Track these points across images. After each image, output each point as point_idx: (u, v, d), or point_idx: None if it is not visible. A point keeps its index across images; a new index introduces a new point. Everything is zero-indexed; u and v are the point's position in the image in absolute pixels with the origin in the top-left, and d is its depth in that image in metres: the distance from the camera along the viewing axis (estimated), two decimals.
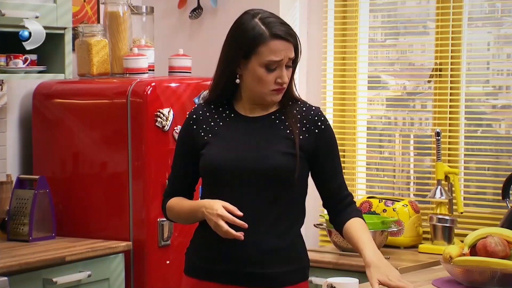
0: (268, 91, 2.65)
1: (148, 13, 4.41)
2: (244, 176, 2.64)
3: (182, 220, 2.82)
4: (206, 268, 2.69)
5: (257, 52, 2.62)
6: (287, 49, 2.63)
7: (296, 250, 2.71)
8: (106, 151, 3.97)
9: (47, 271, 3.52)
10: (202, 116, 2.74)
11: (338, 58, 4.59)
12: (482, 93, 4.34)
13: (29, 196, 3.89)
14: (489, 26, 4.34)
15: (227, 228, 2.55)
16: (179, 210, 2.77)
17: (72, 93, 4.11)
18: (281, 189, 2.66)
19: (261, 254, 2.63)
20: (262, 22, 2.64)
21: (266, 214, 2.64)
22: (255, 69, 2.64)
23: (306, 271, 2.75)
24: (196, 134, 2.73)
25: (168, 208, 2.82)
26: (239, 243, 2.59)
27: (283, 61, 2.63)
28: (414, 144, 4.54)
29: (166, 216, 2.86)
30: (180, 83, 4.03)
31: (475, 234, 3.03)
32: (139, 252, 3.89)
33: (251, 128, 2.70)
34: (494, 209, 4.17)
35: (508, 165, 4.21)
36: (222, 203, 2.59)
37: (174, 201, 2.79)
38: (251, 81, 2.66)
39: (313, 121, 2.72)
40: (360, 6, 4.53)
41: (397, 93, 4.65)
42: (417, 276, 3.22)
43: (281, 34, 2.63)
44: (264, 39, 2.62)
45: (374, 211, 4.21)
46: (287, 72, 2.66)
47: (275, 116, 2.71)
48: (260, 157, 2.64)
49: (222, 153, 2.67)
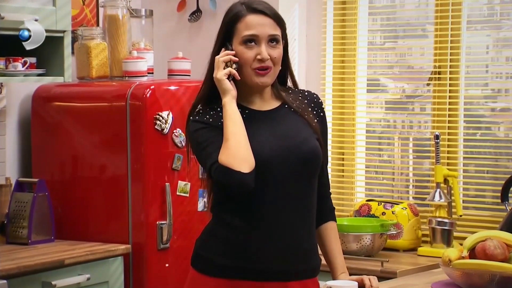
0: (252, 71, 2.59)
1: (147, 16, 4.42)
2: (288, 163, 2.56)
3: (237, 131, 2.53)
4: (241, 267, 2.58)
5: (236, 30, 2.60)
6: (264, 24, 2.59)
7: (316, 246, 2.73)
8: (105, 154, 3.98)
9: (46, 274, 3.52)
10: (215, 115, 2.62)
11: (337, 61, 4.60)
12: (481, 96, 4.34)
13: (28, 199, 3.89)
14: (488, 29, 4.34)
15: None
16: (228, 134, 2.51)
17: (71, 96, 4.12)
18: (313, 178, 2.62)
19: (300, 252, 2.61)
20: (245, 5, 2.62)
21: (301, 210, 2.61)
22: (237, 49, 2.59)
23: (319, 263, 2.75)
24: (220, 127, 2.57)
25: (223, 154, 2.49)
26: (277, 241, 2.56)
27: (260, 37, 2.58)
28: (413, 147, 4.54)
29: (229, 169, 2.47)
30: (179, 86, 4.03)
31: (474, 237, 3.03)
32: (138, 255, 3.89)
33: (272, 119, 2.64)
34: (493, 212, 4.17)
35: (507, 168, 4.21)
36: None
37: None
38: (240, 65, 2.60)
39: (317, 105, 2.71)
40: (359, 9, 4.53)
41: (396, 96, 4.65)
42: (416, 279, 3.23)
43: (257, 7, 2.60)
44: (241, 15, 2.60)
45: (373, 214, 4.21)
46: (271, 50, 2.59)
47: (287, 107, 2.67)
48: (298, 141, 2.58)
49: (258, 144, 2.55)
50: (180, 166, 3.94)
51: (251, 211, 2.58)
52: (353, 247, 3.99)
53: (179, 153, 3.94)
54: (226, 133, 2.52)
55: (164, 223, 3.88)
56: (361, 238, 3.98)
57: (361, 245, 3.99)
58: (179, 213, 3.94)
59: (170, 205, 3.88)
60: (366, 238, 3.99)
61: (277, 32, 2.62)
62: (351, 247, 4.00)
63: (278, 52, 2.62)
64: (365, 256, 3.99)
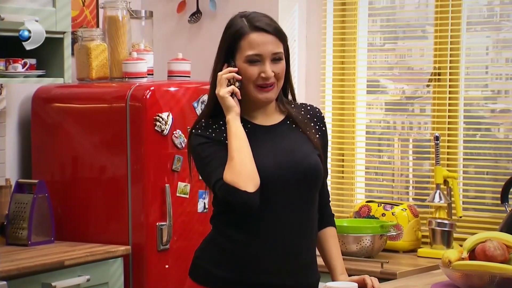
0: (255, 87, 2.59)
1: (147, 18, 4.42)
2: (289, 178, 2.57)
3: (242, 149, 2.53)
4: (238, 279, 2.59)
5: (239, 48, 2.58)
6: (268, 42, 2.57)
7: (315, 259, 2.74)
8: (105, 155, 3.98)
9: (46, 275, 3.52)
10: (217, 130, 2.62)
11: (337, 62, 4.60)
12: (481, 97, 4.34)
13: (28, 200, 3.89)
14: (487, 31, 4.34)
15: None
16: (232, 151, 2.51)
17: (71, 97, 4.12)
18: (314, 192, 2.64)
19: (299, 266, 2.63)
20: (245, 19, 2.60)
21: (302, 224, 2.62)
22: (241, 66, 2.58)
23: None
24: (223, 142, 2.58)
25: (228, 173, 2.49)
26: (277, 254, 2.57)
27: (264, 55, 2.57)
28: (413, 148, 4.54)
29: (235, 189, 2.47)
30: (179, 87, 4.03)
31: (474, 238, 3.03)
32: (138, 256, 3.89)
33: (274, 134, 2.65)
34: (493, 213, 4.17)
35: (507, 169, 4.21)
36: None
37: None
38: (243, 81, 2.60)
39: (319, 120, 2.72)
40: (359, 11, 4.53)
41: (396, 97, 4.65)
42: (416, 280, 3.22)
43: (260, 25, 2.57)
44: (244, 33, 2.57)
45: (373, 215, 4.21)
46: (275, 67, 2.58)
47: (290, 121, 2.68)
48: (300, 157, 2.58)
49: (261, 159, 2.55)
50: (180, 167, 3.94)
51: (251, 225, 2.58)
52: (353, 248, 3.99)
53: (179, 154, 3.94)
54: (231, 150, 2.52)
55: (164, 224, 3.88)
56: (361, 239, 3.99)
57: (361, 246, 3.99)
58: (179, 214, 3.94)
59: (170, 206, 3.88)
60: (366, 239, 3.99)
61: (280, 49, 2.61)
62: (351, 248, 4.00)
63: (281, 67, 2.62)
64: (365, 257, 3.99)
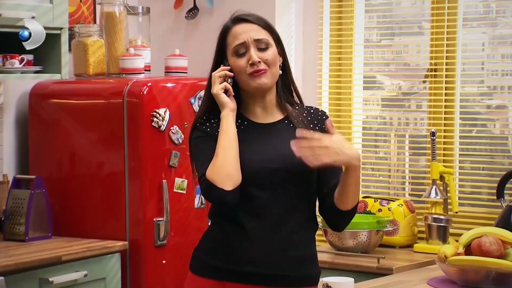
0: (247, 77, 2.63)
1: (144, 14, 4.42)
2: (276, 172, 2.60)
3: (228, 147, 2.58)
4: (231, 270, 2.62)
5: (227, 44, 2.67)
6: (249, 30, 2.64)
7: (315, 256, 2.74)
8: (102, 151, 3.98)
9: (44, 271, 3.52)
10: (214, 125, 2.67)
11: (334, 59, 4.61)
12: (476, 93, 4.35)
13: (25, 196, 3.89)
14: (483, 27, 4.35)
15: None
16: (218, 148, 2.57)
17: (68, 93, 4.12)
18: (303, 189, 2.64)
19: (291, 260, 2.63)
20: (230, 18, 2.69)
21: (290, 219, 2.63)
22: (231, 61, 2.65)
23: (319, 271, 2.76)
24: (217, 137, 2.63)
25: (210, 169, 2.55)
26: (264, 247, 2.59)
27: (247, 43, 2.63)
28: (409, 144, 4.55)
29: (213, 185, 2.54)
30: (176, 83, 4.04)
31: (470, 233, 3.04)
32: (136, 251, 3.90)
33: (268, 132, 2.68)
34: (489, 209, 4.18)
35: (503, 164, 4.22)
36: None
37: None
38: (238, 76, 2.65)
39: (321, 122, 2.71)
40: (355, 7, 4.54)
41: (392, 93, 4.66)
42: (412, 275, 3.24)
43: (240, 16, 2.66)
44: (228, 28, 2.67)
45: (370, 211, 4.22)
46: (262, 54, 2.63)
47: (288, 121, 2.70)
48: (286, 154, 2.57)
49: (249, 154, 2.61)
50: (177, 163, 3.94)
51: (239, 218, 2.62)
52: (349, 244, 4.00)
53: (176, 150, 3.95)
54: (218, 147, 2.59)
55: (161, 220, 3.89)
56: (357, 235, 4.00)
57: (357, 241, 4.00)
58: (176, 210, 3.95)
59: (167, 202, 3.89)
60: (363, 234, 4.00)
61: (263, 36, 2.65)
62: (347, 243, 4.01)
63: (270, 54, 2.65)
64: (361, 252, 4.00)
